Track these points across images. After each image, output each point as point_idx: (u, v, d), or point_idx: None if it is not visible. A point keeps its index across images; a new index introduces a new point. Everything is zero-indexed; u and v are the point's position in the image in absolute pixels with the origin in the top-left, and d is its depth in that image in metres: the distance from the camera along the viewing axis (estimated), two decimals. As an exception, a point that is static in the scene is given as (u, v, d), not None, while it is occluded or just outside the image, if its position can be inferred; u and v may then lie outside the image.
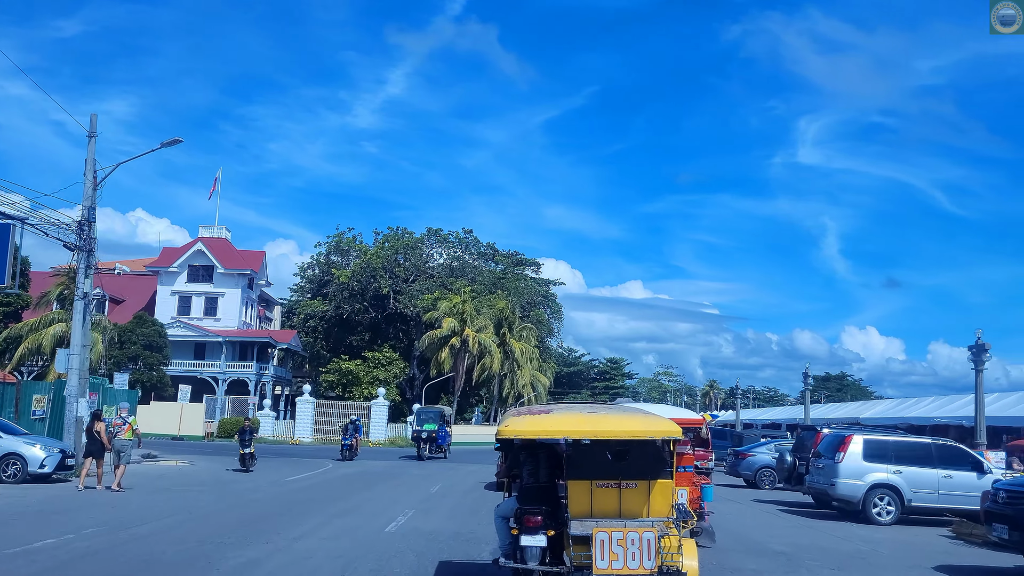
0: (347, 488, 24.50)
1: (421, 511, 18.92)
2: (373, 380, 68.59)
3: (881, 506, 20.29)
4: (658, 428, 8.44)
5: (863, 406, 47.24)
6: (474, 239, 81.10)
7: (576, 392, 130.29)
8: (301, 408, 55.63)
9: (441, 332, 66.50)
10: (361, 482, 26.76)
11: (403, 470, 33.67)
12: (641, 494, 8.48)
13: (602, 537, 8.06)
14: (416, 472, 32.50)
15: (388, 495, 22.79)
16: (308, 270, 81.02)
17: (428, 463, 38.48)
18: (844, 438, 21.05)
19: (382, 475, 30.27)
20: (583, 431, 8.49)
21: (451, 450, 44.58)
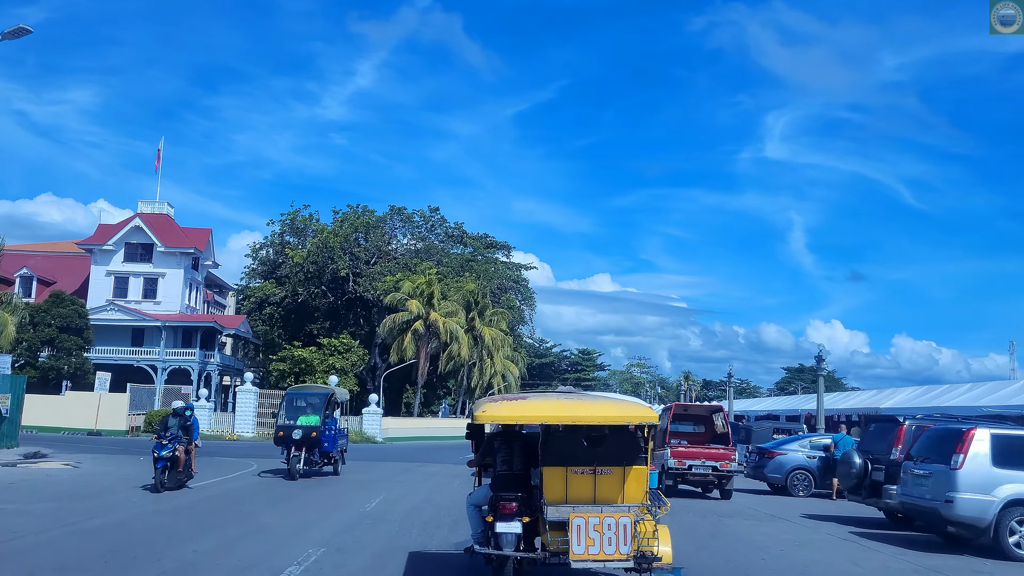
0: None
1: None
2: (328, 369, 61.31)
3: (1021, 533, 13.59)
4: (634, 413, 8.89)
5: (879, 395, 41.04)
6: (440, 218, 74.13)
7: (547, 384, 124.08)
8: (241, 399, 48.33)
9: (404, 315, 59.42)
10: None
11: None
12: (616, 480, 8.51)
13: (579, 523, 8.04)
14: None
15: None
16: (261, 251, 73.40)
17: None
18: (963, 433, 14.24)
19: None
20: (561, 416, 8.53)
21: (394, 445, 37.46)
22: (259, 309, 76.33)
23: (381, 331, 61.08)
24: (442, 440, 57.47)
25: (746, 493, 24.02)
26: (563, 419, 8.50)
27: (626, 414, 8.77)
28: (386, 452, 39.25)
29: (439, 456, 36.32)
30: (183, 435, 18.96)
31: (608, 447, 8.55)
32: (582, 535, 7.98)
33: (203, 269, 68.41)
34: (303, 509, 16.40)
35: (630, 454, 8.60)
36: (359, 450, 39.77)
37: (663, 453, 21.99)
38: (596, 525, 8.00)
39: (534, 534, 8.76)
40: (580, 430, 8.58)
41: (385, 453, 38.25)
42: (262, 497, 18.47)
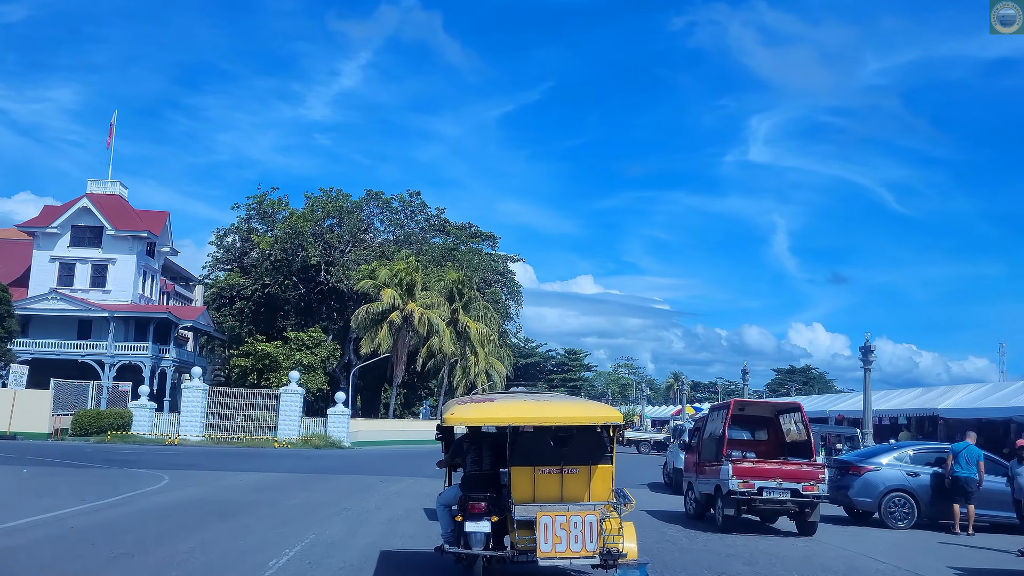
0: None
1: None
2: (295, 365, 54.22)
3: None
4: (599, 414, 8.71)
5: (936, 393, 34.29)
6: (421, 204, 66.86)
7: (532, 384, 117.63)
8: (188, 398, 41.04)
9: (380, 306, 52.28)
10: None
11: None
12: (582, 479, 8.63)
13: (546, 521, 8.07)
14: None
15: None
16: (227, 238, 65.93)
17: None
18: None
19: None
20: (527, 418, 8.58)
21: (363, 451, 30.58)
22: (230, 304, 69.16)
23: (353, 323, 53.91)
24: (420, 445, 50.27)
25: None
26: (529, 420, 8.62)
27: (591, 415, 8.78)
28: (350, 461, 32.19)
29: (413, 466, 29.34)
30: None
31: (574, 447, 8.70)
32: (549, 533, 8.05)
33: (160, 256, 61.06)
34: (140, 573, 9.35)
35: (596, 454, 8.77)
36: (318, 458, 32.75)
37: (720, 469, 15.09)
38: (563, 523, 8.08)
39: (503, 533, 8.68)
40: (547, 431, 8.67)
41: (348, 462, 31.20)
42: (101, 545, 11.35)
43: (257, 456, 32.44)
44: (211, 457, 30.44)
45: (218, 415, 42.26)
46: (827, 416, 39.94)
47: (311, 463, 29.50)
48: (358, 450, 40.85)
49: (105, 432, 38.00)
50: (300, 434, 40.95)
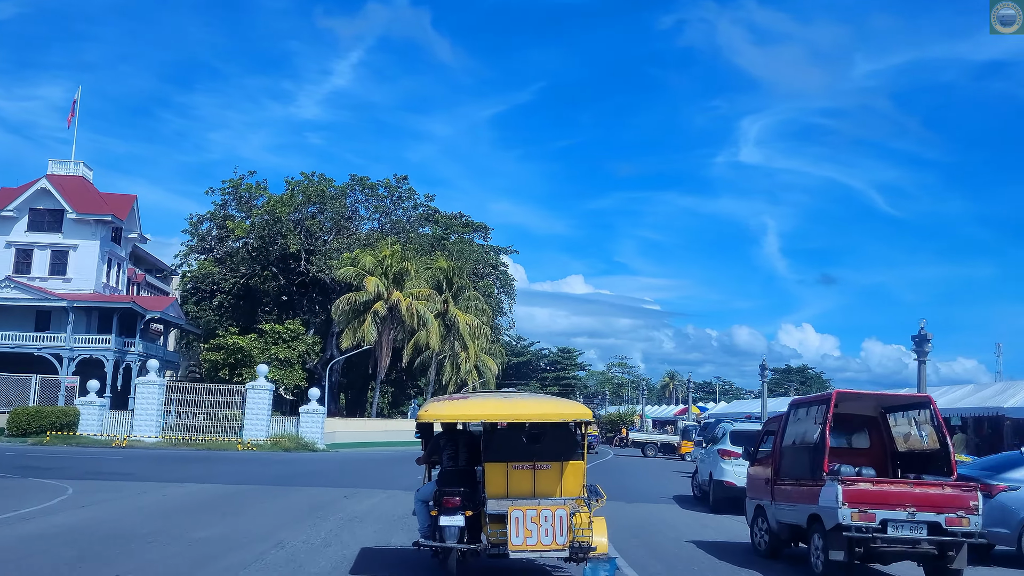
0: None
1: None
2: (271, 360, 49.10)
3: None
4: (569, 411, 8.97)
5: (994, 390, 29.46)
6: (409, 190, 61.58)
7: (525, 384, 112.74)
8: (142, 395, 35.85)
9: (363, 295, 47.23)
10: None
11: None
12: (554, 475, 8.64)
13: (517, 515, 8.20)
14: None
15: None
16: (200, 225, 60.50)
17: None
18: None
19: None
20: (499, 415, 8.89)
21: (338, 455, 25.69)
22: (210, 297, 63.94)
23: (334, 313, 48.82)
24: (406, 447, 45.20)
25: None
26: (500, 417, 8.90)
27: (562, 412, 8.94)
28: (319, 467, 27.08)
29: (391, 474, 24.35)
30: None
31: (546, 444, 8.73)
32: (520, 527, 8.17)
33: (127, 243, 55.77)
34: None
35: (567, 450, 8.78)
36: (283, 464, 27.71)
37: (819, 492, 10.10)
38: (533, 517, 8.20)
39: (478, 527, 8.64)
40: (521, 428, 8.83)
41: (316, 469, 26.10)
42: None
43: (212, 461, 27.35)
44: (153, 463, 25.34)
45: (180, 414, 37.18)
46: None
47: (270, 471, 24.41)
48: (333, 453, 35.77)
49: (44, 432, 32.81)
50: (269, 435, 35.84)
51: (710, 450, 19.59)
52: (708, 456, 19.67)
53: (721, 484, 18.02)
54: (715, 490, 18.35)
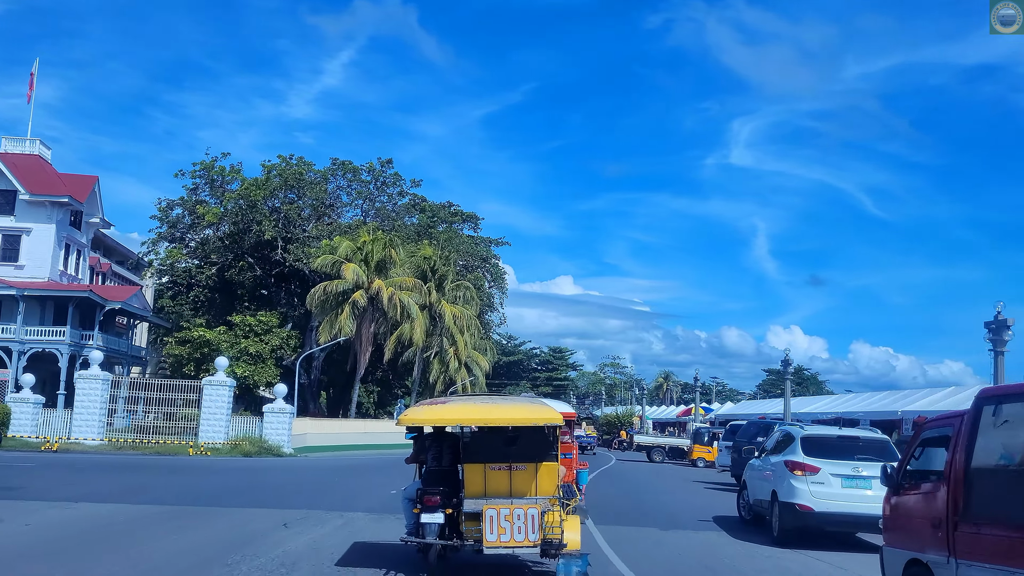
0: None
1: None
2: (240, 355, 44.19)
3: None
4: (540, 416, 8.82)
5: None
6: (394, 175, 56.53)
7: (515, 384, 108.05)
8: (83, 391, 30.73)
9: (341, 284, 42.30)
10: None
11: None
12: (529, 475, 8.85)
13: (491, 513, 8.44)
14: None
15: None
16: (170, 211, 55.22)
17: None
18: None
19: None
20: (474, 419, 9.18)
21: (305, 461, 20.94)
22: (187, 291, 58.92)
23: (309, 303, 43.84)
24: (388, 450, 40.29)
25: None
26: (476, 421, 9.18)
27: (531, 416, 8.89)
28: (275, 479, 22.10)
29: (356, 488, 19.52)
30: None
31: (522, 446, 8.92)
32: (494, 524, 8.42)
33: (88, 228, 50.61)
34: None
35: (541, 452, 8.94)
36: (232, 472, 22.80)
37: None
38: (507, 515, 8.44)
39: (458, 524, 8.88)
40: (498, 431, 8.99)
41: (270, 481, 21.15)
42: None
43: (146, 470, 22.38)
44: (69, 473, 20.40)
45: (131, 413, 32.24)
46: (899, 418, 30.37)
47: (210, 483, 19.48)
48: (301, 459, 30.84)
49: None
50: (228, 437, 30.85)
51: (770, 461, 14.74)
52: (766, 469, 14.84)
53: (792, 508, 13.20)
54: (782, 515, 13.51)
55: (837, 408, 36.97)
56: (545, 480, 8.91)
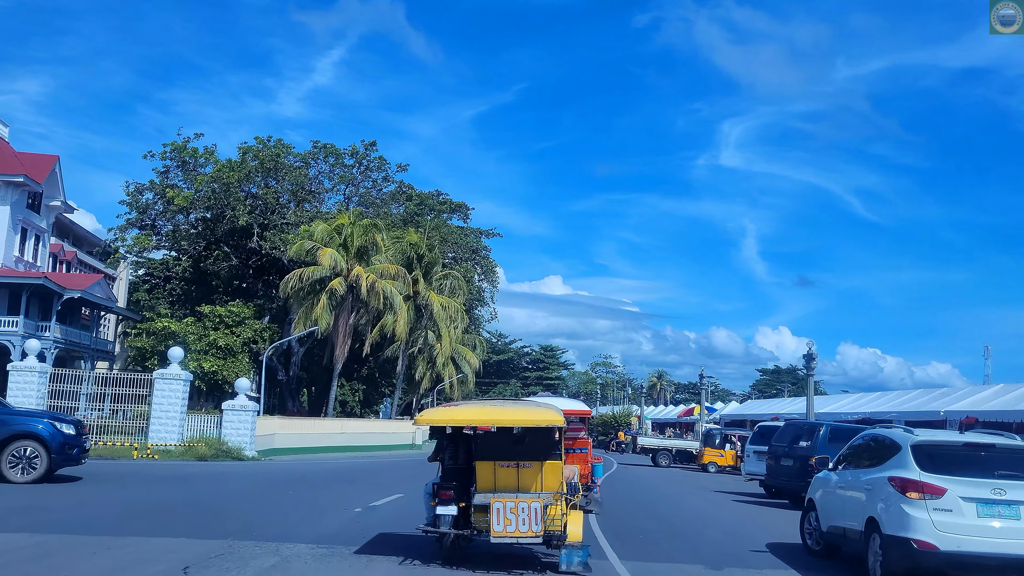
0: None
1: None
2: (209, 348, 40.08)
3: None
4: (544, 418, 9.42)
5: None
6: (379, 159, 52.36)
7: (505, 383, 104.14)
8: (16, 384, 26.37)
9: (317, 271, 38.19)
10: None
11: None
12: (535, 472, 9.43)
13: (498, 506, 9.05)
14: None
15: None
16: (140, 195, 50.85)
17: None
18: None
19: None
20: (485, 420, 9.67)
21: (268, 466, 16.97)
22: (164, 283, 54.86)
23: (283, 292, 39.72)
24: (367, 453, 36.25)
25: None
26: (486, 422, 9.66)
27: (536, 418, 9.47)
28: (220, 489, 17.94)
29: (327, 501, 15.53)
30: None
31: (528, 445, 9.54)
32: (501, 516, 9.02)
33: (49, 212, 46.35)
34: None
35: (546, 451, 9.53)
36: (176, 481, 18.76)
37: None
38: (512, 508, 9.04)
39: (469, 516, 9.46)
40: (508, 431, 9.64)
41: (210, 494, 16.99)
42: None
43: (115, 471, 18.18)
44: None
45: (97, 411, 28.08)
46: (942, 419, 26.52)
47: (124, 497, 15.40)
48: (265, 463, 26.73)
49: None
50: (182, 438, 26.71)
51: (862, 477, 10.71)
52: (855, 487, 10.81)
53: (904, 545, 9.23)
54: (888, 554, 9.48)
55: (863, 408, 33.12)
56: (550, 477, 9.44)
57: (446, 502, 9.33)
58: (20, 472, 15.39)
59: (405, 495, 16.75)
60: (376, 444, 39.10)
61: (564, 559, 9.19)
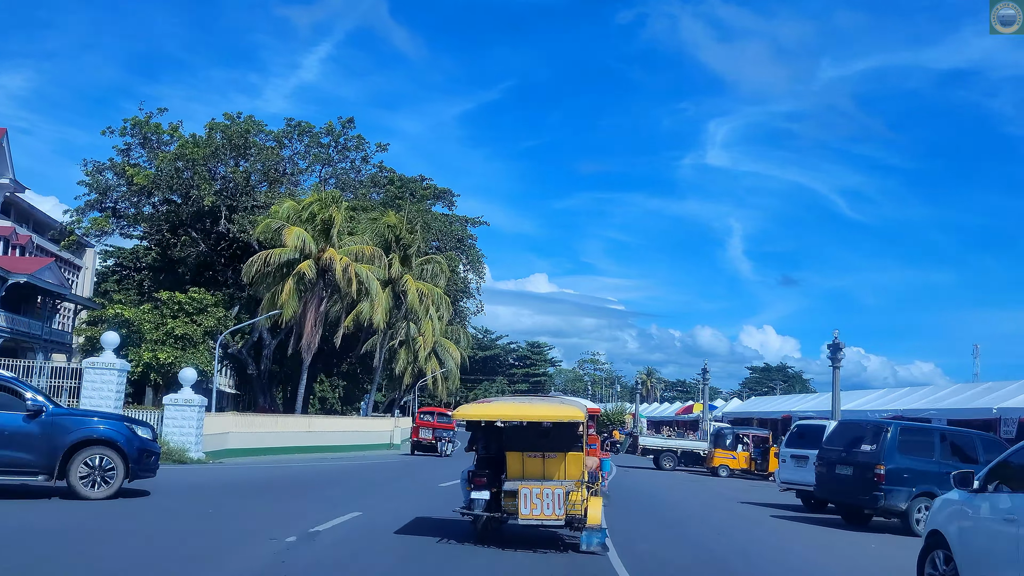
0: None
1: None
2: (166, 337, 35.82)
3: None
4: (567, 414, 10.38)
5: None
6: (357, 138, 48.05)
7: (491, 380, 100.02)
8: (-83, 373, 22.23)
9: (282, 252, 33.99)
10: None
11: None
12: (559, 462, 10.39)
13: (525, 492, 9.91)
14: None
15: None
16: (100, 175, 46.33)
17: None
18: None
19: None
20: (515, 414, 10.88)
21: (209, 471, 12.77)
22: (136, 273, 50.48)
23: (246, 276, 35.48)
24: (338, 454, 32.10)
25: None
26: (516, 417, 10.85)
27: (560, 414, 10.42)
28: (124, 509, 13.49)
29: (254, 526, 11.35)
30: None
31: (553, 438, 10.51)
32: (527, 501, 9.87)
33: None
34: None
35: (569, 443, 10.43)
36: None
37: None
38: (538, 494, 9.87)
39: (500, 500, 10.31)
40: (535, 425, 10.66)
41: (100, 513, 12.62)
42: None
43: None
44: None
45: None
46: (995, 416, 22.65)
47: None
48: (212, 467, 22.53)
49: None
50: (115, 437, 22.41)
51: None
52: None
53: None
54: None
55: (892, 405, 29.21)
56: (572, 466, 10.35)
57: (480, 487, 10.13)
58: (94, 486, 12.55)
59: (363, 514, 12.69)
60: (349, 444, 34.99)
61: (584, 540, 9.92)
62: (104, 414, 15.23)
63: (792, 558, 11.41)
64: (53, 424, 12.47)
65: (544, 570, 9.21)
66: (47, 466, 12.27)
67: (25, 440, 12.18)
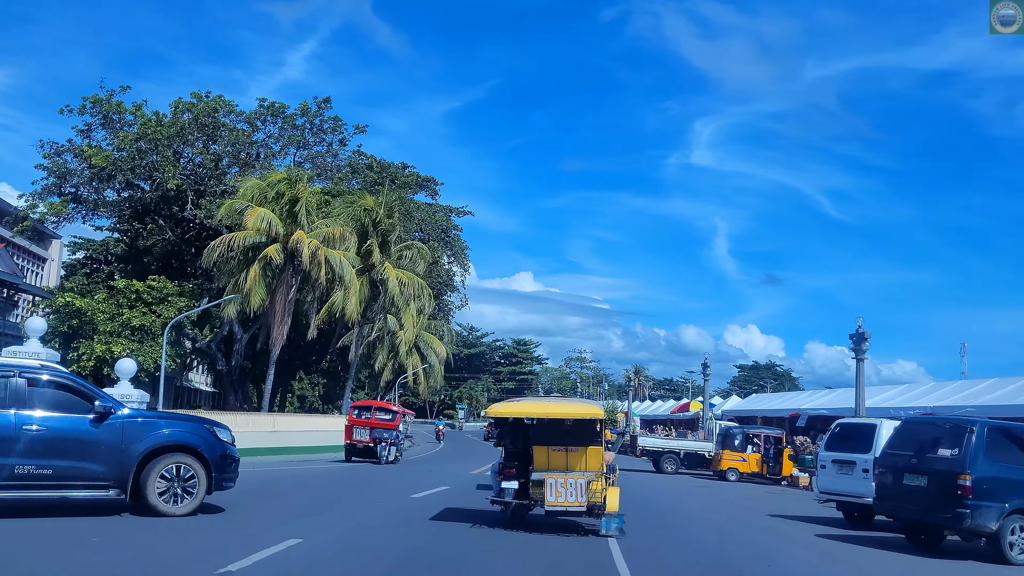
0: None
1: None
2: (121, 329, 32.44)
3: None
4: (588, 412, 11.72)
5: None
6: (334, 120, 44.60)
7: (476, 378, 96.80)
8: None
9: (246, 235, 30.66)
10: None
11: None
12: (581, 455, 11.41)
13: (551, 481, 11.10)
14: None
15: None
16: (58, 157, 42.74)
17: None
18: None
19: None
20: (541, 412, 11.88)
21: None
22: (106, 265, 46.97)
23: (207, 262, 32.14)
24: (306, 456, 28.78)
25: None
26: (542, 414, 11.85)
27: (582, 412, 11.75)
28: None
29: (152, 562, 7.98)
30: None
31: (574, 434, 11.59)
32: (553, 490, 11.07)
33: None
34: None
35: (590, 438, 11.54)
36: None
37: None
38: (562, 483, 11.07)
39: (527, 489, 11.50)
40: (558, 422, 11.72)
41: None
42: None
43: None
44: None
45: None
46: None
47: None
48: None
49: None
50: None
51: None
52: None
53: None
54: None
55: (920, 402, 26.20)
56: (592, 459, 11.42)
57: (509, 478, 11.44)
58: (174, 500, 10.75)
59: (305, 540, 9.42)
60: (320, 445, 31.69)
61: (604, 525, 11.19)
62: (178, 415, 13.60)
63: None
64: (124, 428, 10.49)
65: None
66: (119, 478, 10.33)
67: (93, 448, 10.22)
